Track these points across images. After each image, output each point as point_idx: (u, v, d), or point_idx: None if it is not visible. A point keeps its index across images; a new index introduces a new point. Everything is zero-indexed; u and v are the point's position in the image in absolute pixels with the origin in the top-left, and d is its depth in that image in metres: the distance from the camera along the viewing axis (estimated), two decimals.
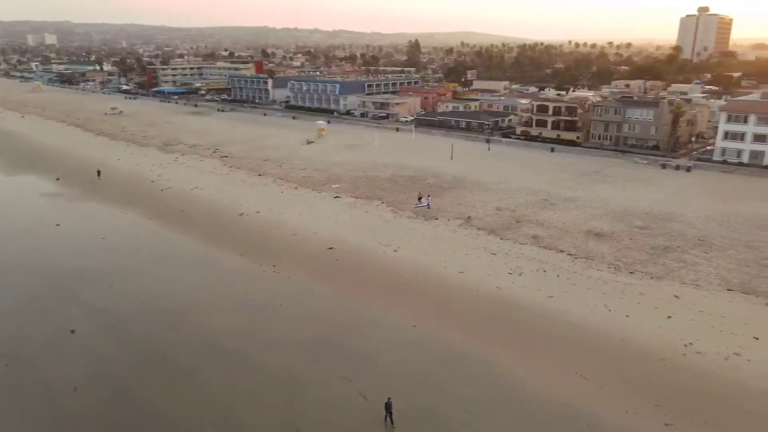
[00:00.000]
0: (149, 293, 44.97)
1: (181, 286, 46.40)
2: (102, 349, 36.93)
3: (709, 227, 56.89)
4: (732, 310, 39.82)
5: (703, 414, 29.53)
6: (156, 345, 37.44)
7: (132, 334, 38.99)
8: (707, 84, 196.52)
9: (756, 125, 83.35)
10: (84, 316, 41.25)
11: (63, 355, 36.38)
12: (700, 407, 30.13)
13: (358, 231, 57.82)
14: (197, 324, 40.06)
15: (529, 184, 74.54)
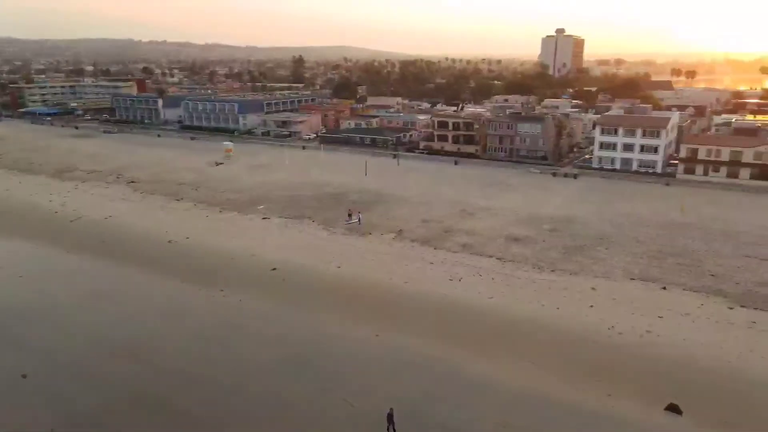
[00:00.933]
0: (99, 328, 43.37)
1: (131, 318, 45.20)
2: (64, 391, 35.49)
3: (604, 227, 65.91)
4: (638, 296, 47.35)
5: (635, 381, 35.51)
6: (123, 380, 36.66)
7: (91, 371, 37.75)
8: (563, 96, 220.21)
9: (624, 136, 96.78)
10: (32, 359, 39.07)
11: (20, 402, 34.54)
12: (631, 377, 36.13)
13: (297, 250, 59.40)
14: (161, 354, 39.66)
15: (445, 196, 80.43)
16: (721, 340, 40.08)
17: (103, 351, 40.17)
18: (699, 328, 41.81)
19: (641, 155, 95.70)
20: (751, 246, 59.46)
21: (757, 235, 63.19)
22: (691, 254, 56.75)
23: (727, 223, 67.23)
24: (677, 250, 57.85)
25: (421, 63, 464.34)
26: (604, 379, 36.12)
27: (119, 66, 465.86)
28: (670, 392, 34.16)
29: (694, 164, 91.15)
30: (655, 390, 34.68)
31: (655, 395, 34.16)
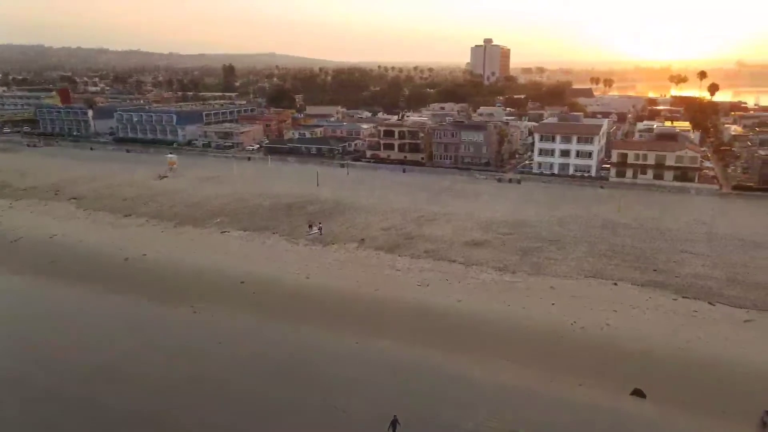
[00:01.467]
0: (68, 353, 41.93)
1: (99, 340, 44.00)
2: (46, 420, 34.33)
3: (554, 229, 70.16)
4: (593, 292, 51.14)
5: (602, 371, 38.67)
6: (106, 403, 35.88)
7: (69, 397, 36.64)
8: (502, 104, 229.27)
9: (561, 143, 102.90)
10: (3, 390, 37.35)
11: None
12: (597, 367, 39.28)
13: (263, 263, 59.44)
14: (141, 374, 39.02)
15: (400, 204, 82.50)
16: (670, 328, 44.23)
17: (78, 375, 39.04)
18: (650, 319, 45.88)
19: (577, 160, 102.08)
20: (682, 242, 65.28)
21: (687, 231, 69.41)
22: (633, 252, 61.65)
23: (660, 222, 73.33)
24: (621, 248, 62.65)
25: (354, 71, 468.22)
26: (575, 370, 39.07)
27: (30, 74, 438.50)
28: (633, 379, 37.50)
29: (624, 168, 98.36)
30: (620, 377, 37.95)
31: (620, 382, 37.40)
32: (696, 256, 60.33)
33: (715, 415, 34.11)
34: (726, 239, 65.93)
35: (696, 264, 57.79)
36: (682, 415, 34.33)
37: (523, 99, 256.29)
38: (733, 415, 33.99)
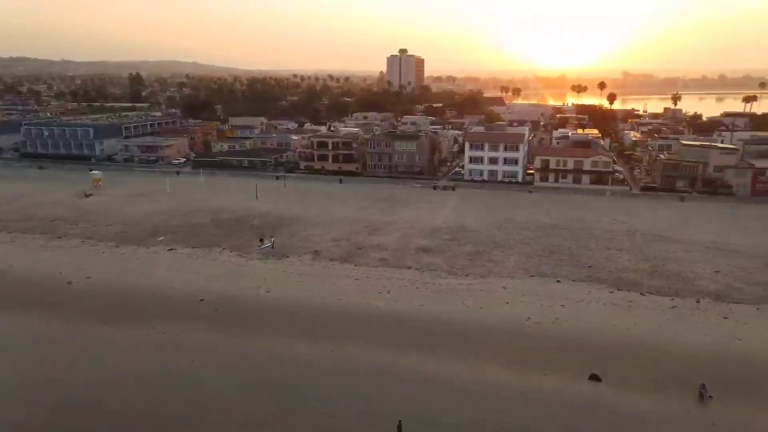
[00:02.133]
0: (29, 385, 40.00)
1: (58, 369, 42.26)
2: None
3: (493, 233, 74.78)
4: (540, 290, 55.58)
5: (561, 360, 42.59)
6: None
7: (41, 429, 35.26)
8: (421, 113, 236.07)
9: (489, 151, 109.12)
10: None
11: None
12: (556, 357, 43.21)
13: (219, 279, 59.00)
14: (114, 400, 38.17)
15: (344, 214, 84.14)
16: (612, 318, 49.30)
17: (46, 406, 37.52)
18: (594, 311, 50.80)
19: (505, 167, 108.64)
20: (607, 240, 71.98)
21: (608, 230, 76.45)
22: (567, 251, 67.28)
23: (584, 222, 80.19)
24: (556, 248, 68.14)
25: (271, 80, 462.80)
26: (537, 362, 42.77)
27: None
28: (589, 365, 41.68)
29: (547, 173, 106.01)
30: (578, 365, 42.02)
31: (578, 369, 41.44)
32: (621, 252, 66.90)
33: (660, 391, 38.82)
34: (643, 235, 73.45)
35: (623, 259, 64.19)
36: (633, 394, 38.75)
37: (441, 108, 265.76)
38: (675, 390, 38.85)
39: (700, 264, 62.15)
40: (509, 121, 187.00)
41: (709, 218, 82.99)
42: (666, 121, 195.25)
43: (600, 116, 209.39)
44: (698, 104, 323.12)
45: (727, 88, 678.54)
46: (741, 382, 39.62)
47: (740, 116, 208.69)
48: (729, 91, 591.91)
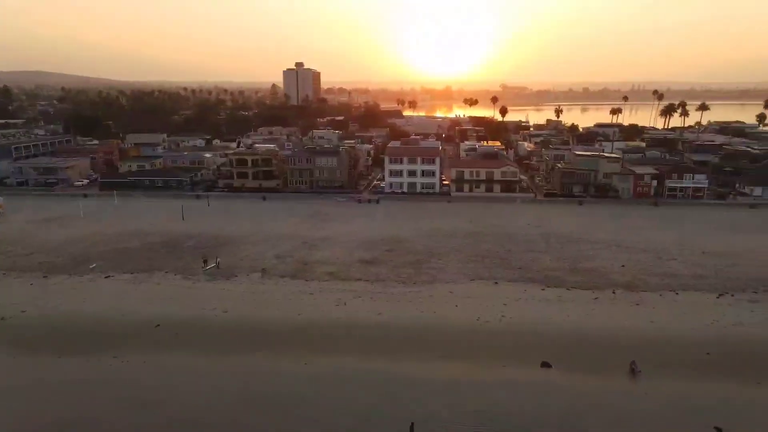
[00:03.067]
0: None
1: (25, 411, 40.44)
2: None
3: (427, 242, 79.94)
4: (482, 292, 61.19)
5: (515, 352, 47.92)
6: None
7: None
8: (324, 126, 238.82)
9: (408, 164, 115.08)
10: None
11: None
12: (510, 350, 48.49)
13: (170, 303, 58.31)
14: None
15: (278, 231, 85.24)
16: (549, 312, 55.85)
17: None
18: (533, 307, 57.13)
19: (423, 179, 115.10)
20: (526, 243, 79.86)
21: (526, 234, 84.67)
22: (496, 255, 73.99)
23: (504, 228, 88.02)
24: (486, 253, 74.63)
25: (159, 94, 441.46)
26: (495, 355, 47.78)
27: None
28: (539, 354, 47.41)
29: (462, 183, 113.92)
30: (530, 355, 47.60)
31: (531, 358, 47.00)
32: (542, 253, 74.82)
33: (599, 371, 45.30)
34: (556, 237, 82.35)
35: (545, 260, 71.94)
36: (579, 374, 44.90)
37: (344, 121, 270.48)
38: (611, 369, 45.52)
39: (608, 260, 71.43)
40: (417, 134, 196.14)
41: (605, 219, 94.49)
42: (551, 132, 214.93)
43: (495, 128, 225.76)
44: (567, 115, 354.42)
45: (590, 100, 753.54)
46: (660, 356, 47.18)
47: (611, 126, 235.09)
48: (591, 103, 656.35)
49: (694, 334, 51.11)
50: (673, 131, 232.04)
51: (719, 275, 65.51)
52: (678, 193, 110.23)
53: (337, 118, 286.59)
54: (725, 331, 51.87)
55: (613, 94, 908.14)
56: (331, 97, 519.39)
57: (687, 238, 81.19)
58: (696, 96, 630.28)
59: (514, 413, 39.87)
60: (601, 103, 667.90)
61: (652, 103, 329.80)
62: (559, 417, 39.44)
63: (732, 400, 41.23)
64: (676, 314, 55.28)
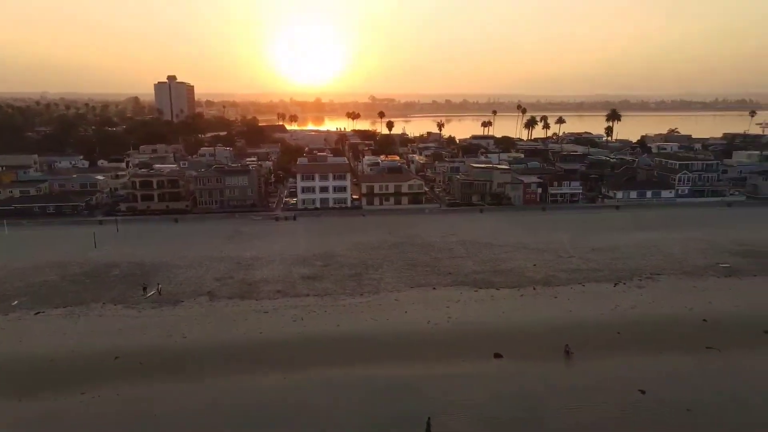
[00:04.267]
0: None
1: None
2: None
3: (358, 255, 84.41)
4: (424, 297, 67.14)
5: (469, 348, 54.18)
6: None
7: None
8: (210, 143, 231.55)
9: (320, 181, 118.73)
10: None
11: None
12: (465, 346, 54.68)
13: (122, 334, 56.94)
14: None
15: (204, 253, 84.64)
16: (487, 310, 63.22)
17: None
18: (473, 307, 64.12)
19: (335, 194, 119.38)
20: (447, 251, 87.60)
21: (444, 241, 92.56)
22: (425, 263, 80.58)
23: (423, 238, 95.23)
24: (415, 262, 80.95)
25: (10, 108, 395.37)
26: (452, 352, 53.63)
27: None
28: (490, 347, 54.10)
29: (372, 197, 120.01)
30: (482, 348, 54.07)
31: (484, 351, 53.49)
32: (464, 258, 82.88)
33: (541, 356, 52.96)
34: (471, 243, 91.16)
35: (469, 264, 79.94)
36: (525, 362, 52.09)
37: (229, 136, 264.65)
38: (550, 353, 53.47)
39: (521, 261, 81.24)
40: (309, 149, 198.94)
41: (505, 224, 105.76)
42: (435, 145, 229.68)
43: (382, 142, 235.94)
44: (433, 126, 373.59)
45: (452, 111, 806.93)
46: (583, 338, 56.11)
47: (485, 138, 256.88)
48: (454, 114, 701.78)
49: (604, 318, 61.22)
50: (536, 141, 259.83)
51: (610, 268, 77.85)
52: (559, 199, 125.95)
53: (220, 134, 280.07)
54: (626, 313, 62.71)
55: (471, 106, 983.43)
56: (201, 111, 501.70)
57: (576, 238, 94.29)
58: (542, 108, 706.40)
59: (480, 400, 45.68)
60: (464, 114, 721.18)
61: (515, 115, 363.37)
62: (514, 399, 45.69)
63: (646, 367, 50.81)
64: (587, 303, 65.46)
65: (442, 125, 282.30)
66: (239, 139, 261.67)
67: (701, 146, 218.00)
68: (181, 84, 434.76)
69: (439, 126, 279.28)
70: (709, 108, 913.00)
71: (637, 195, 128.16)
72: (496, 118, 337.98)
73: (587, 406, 44.60)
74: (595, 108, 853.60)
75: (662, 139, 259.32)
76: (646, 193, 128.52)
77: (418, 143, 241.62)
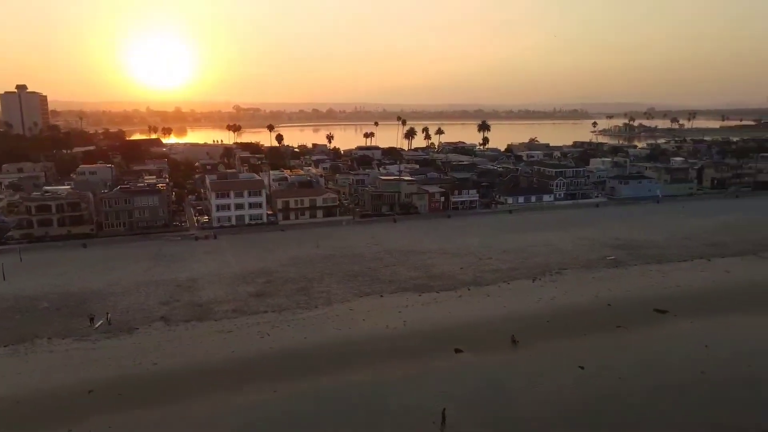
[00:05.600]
0: None
1: None
2: None
3: (294, 270, 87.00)
4: (376, 305, 72.17)
5: (431, 344, 60.49)
6: None
7: None
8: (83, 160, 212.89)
9: (235, 198, 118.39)
10: None
11: None
12: (427, 343, 60.78)
13: (85, 368, 55.13)
14: None
15: (133, 279, 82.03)
16: (436, 311, 70.03)
17: None
18: (421, 310, 70.54)
19: (251, 211, 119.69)
20: (377, 260, 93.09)
21: (371, 251, 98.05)
22: (363, 273, 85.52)
23: (350, 249, 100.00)
24: (354, 272, 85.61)
25: None
26: (416, 352, 59.56)
27: None
28: (450, 343, 60.86)
29: (288, 212, 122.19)
30: (442, 345, 60.55)
31: (445, 348, 60.03)
32: (396, 266, 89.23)
33: (494, 347, 60.65)
34: (398, 252, 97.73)
35: (403, 271, 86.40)
36: (482, 353, 59.44)
37: (101, 153, 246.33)
38: (500, 344, 61.49)
39: (448, 265, 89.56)
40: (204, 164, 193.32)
41: (421, 232, 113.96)
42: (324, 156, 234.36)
43: (273, 154, 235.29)
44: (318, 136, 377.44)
45: (320, 120, 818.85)
46: (521, 329, 64.82)
47: (372, 149, 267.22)
48: (323, 123, 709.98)
49: (533, 310, 70.91)
50: (416, 151, 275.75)
51: (524, 266, 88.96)
52: (459, 206, 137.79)
53: (88, 149, 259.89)
54: (549, 304, 73.16)
55: (338, 115, 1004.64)
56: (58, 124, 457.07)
57: (487, 241, 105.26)
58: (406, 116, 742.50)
59: (458, 390, 52.05)
60: (335, 123, 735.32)
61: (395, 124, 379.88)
62: (484, 385, 52.76)
63: (578, 347, 60.81)
64: (515, 298, 75.03)
65: (332, 137, 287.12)
66: (114, 154, 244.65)
67: (560, 154, 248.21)
68: (33, 94, 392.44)
69: (329, 138, 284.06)
70: (549, 117, 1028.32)
71: (524, 200, 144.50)
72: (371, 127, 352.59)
73: (545, 383, 53.05)
74: (453, 116, 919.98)
75: (526, 147, 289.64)
76: (531, 198, 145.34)
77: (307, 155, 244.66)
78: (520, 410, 48.64)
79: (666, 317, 69.13)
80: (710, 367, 55.73)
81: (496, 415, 47.76)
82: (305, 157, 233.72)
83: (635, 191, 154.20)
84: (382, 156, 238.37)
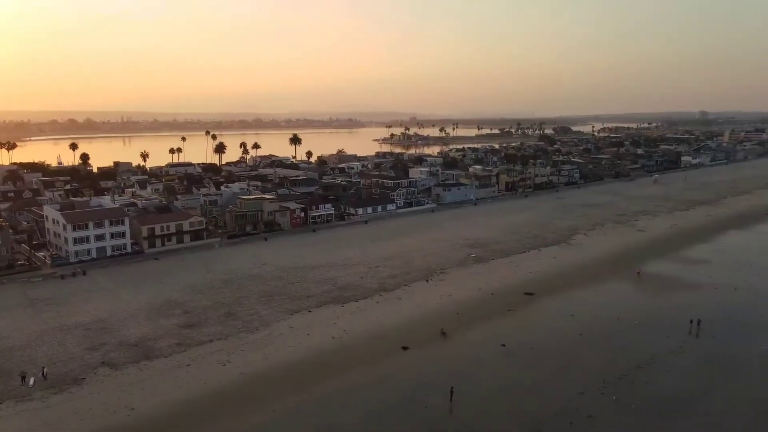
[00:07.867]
0: None
1: None
2: None
3: (201, 299, 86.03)
4: (311, 320, 77.46)
5: (379, 348, 69.26)
6: None
7: None
8: None
9: (94, 229, 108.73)
10: None
11: None
12: (374, 345, 69.40)
13: (56, 427, 51.23)
14: None
15: (28, 330, 73.52)
16: (364, 318, 78.40)
17: None
18: (352, 319, 78.21)
19: (113, 241, 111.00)
20: (278, 279, 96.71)
21: (266, 272, 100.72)
22: (276, 292, 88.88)
23: (243, 271, 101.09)
24: (268, 293, 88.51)
25: None
26: (372, 354, 67.87)
27: None
28: (398, 342, 70.52)
29: (154, 239, 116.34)
30: (388, 345, 69.93)
31: (391, 347, 69.53)
32: (302, 283, 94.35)
33: (430, 341, 71.76)
34: (292, 269, 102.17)
35: (312, 287, 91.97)
36: (425, 347, 70.24)
37: None
38: (433, 337, 72.80)
39: (350, 276, 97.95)
40: None
41: (297, 248, 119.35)
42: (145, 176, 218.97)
43: (79, 177, 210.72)
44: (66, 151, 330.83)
45: (80, 132, 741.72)
46: (443, 322, 77.17)
47: (187, 165, 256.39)
48: (84, 135, 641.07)
49: (441, 306, 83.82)
50: (230, 165, 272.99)
51: (412, 270, 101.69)
52: (317, 220, 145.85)
53: None
54: (450, 299, 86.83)
55: (102, 126, 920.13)
56: None
57: (364, 251, 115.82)
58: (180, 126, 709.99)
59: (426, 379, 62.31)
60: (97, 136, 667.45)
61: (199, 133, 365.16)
62: (440, 372, 63.94)
63: (493, 329, 75.67)
64: (421, 298, 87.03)
65: (146, 155, 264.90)
66: None
67: (374, 164, 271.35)
68: None
69: (143, 157, 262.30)
70: (327, 126, 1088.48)
71: (372, 210, 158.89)
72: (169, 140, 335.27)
73: (483, 363, 66.05)
74: (232, 126, 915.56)
75: (338, 159, 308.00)
76: (377, 208, 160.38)
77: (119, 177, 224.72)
78: (482, 384, 60.90)
79: (534, 298, 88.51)
80: (584, 329, 75.21)
81: (468, 392, 59.02)
82: (121, 178, 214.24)
83: (455, 196, 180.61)
84: (204, 173, 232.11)
